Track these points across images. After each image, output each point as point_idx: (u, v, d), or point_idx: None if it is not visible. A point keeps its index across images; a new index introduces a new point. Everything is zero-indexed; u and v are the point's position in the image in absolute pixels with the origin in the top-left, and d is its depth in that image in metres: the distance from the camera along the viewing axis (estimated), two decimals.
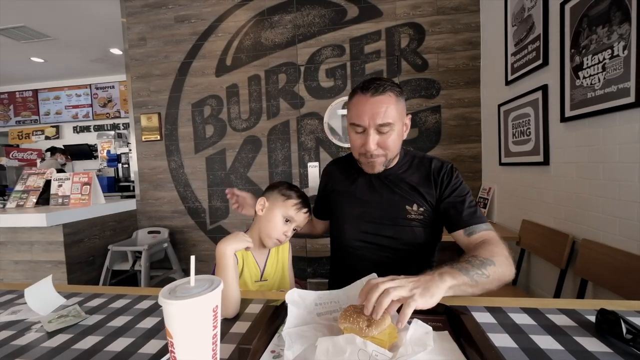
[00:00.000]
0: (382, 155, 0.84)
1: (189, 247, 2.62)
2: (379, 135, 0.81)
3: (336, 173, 1.03)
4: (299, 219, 0.88)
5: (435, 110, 2.25)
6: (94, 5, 2.89)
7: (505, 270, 0.66)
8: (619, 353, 0.48)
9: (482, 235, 0.79)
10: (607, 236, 1.16)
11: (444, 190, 0.87)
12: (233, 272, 0.68)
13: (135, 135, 2.65)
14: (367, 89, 0.80)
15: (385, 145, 0.82)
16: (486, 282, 0.61)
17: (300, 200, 0.89)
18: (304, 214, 0.89)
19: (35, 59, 4.20)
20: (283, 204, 0.87)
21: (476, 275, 0.60)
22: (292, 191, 0.90)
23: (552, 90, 1.43)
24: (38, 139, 5.32)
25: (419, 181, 0.89)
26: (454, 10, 2.19)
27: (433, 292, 0.54)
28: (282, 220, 0.87)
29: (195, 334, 0.40)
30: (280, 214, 0.86)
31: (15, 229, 1.95)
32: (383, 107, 0.79)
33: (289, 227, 0.88)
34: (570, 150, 1.34)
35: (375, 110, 0.79)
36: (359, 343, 0.45)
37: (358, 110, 0.81)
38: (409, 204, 0.88)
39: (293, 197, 0.88)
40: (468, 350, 0.48)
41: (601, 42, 1.14)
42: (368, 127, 0.80)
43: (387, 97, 0.80)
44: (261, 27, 2.43)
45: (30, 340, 0.59)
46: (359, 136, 0.84)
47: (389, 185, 0.91)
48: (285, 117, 2.43)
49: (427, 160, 0.92)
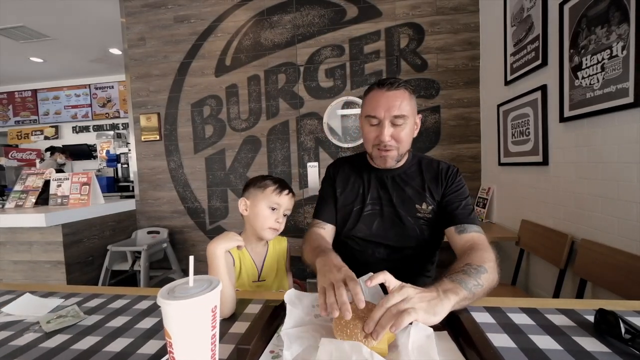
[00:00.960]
0: (395, 148, 0.86)
1: (189, 247, 2.61)
2: (393, 128, 0.84)
3: (344, 171, 1.02)
4: (283, 202, 0.90)
5: (434, 110, 2.25)
6: (93, 5, 2.89)
7: (494, 277, 0.67)
8: (618, 353, 0.48)
9: (472, 237, 0.81)
10: (606, 236, 1.16)
11: (447, 189, 0.91)
12: (225, 272, 0.67)
13: (135, 135, 2.65)
14: (383, 84, 0.86)
15: (399, 137, 0.85)
16: (480, 293, 0.61)
17: (277, 184, 0.91)
18: (286, 196, 0.91)
19: (35, 59, 4.19)
20: (263, 194, 0.89)
21: (473, 287, 0.60)
22: (266, 180, 0.91)
23: (551, 91, 1.44)
24: (37, 139, 5.32)
25: (429, 180, 0.92)
26: (453, 10, 2.19)
27: (437, 310, 0.53)
28: (269, 210, 0.88)
29: (194, 334, 0.40)
30: (264, 205, 0.88)
31: (14, 229, 1.95)
32: (398, 101, 0.83)
33: (278, 214, 0.89)
34: (570, 150, 1.35)
35: (391, 103, 0.83)
36: (366, 353, 0.44)
37: (374, 103, 0.85)
38: (419, 202, 0.91)
39: (269, 184, 0.90)
40: (467, 350, 0.48)
41: (600, 43, 1.14)
42: (383, 118, 0.84)
43: (402, 92, 0.85)
44: (260, 27, 2.43)
45: (29, 340, 0.58)
46: (373, 128, 0.87)
47: (399, 184, 0.93)
48: (284, 117, 2.43)
49: (435, 162, 0.96)
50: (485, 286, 0.63)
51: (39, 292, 0.81)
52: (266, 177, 0.93)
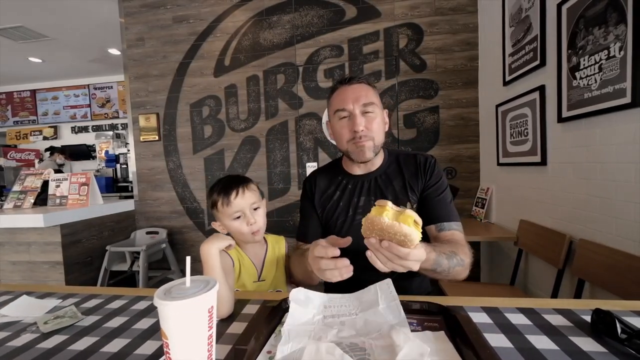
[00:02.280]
0: (370, 138, 0.85)
1: (188, 247, 2.61)
2: (364, 117, 0.85)
3: (321, 185, 0.97)
4: (240, 205, 0.81)
5: (433, 110, 2.25)
6: (92, 5, 2.88)
7: (463, 272, 0.75)
8: (614, 353, 0.48)
9: (452, 234, 0.83)
10: (604, 236, 1.17)
11: (427, 182, 0.90)
12: (221, 271, 0.67)
13: (134, 135, 2.65)
14: (345, 80, 0.89)
15: (371, 126, 0.85)
16: (445, 272, 0.71)
17: (221, 195, 0.81)
18: (235, 197, 0.81)
19: (33, 59, 4.18)
20: (220, 212, 0.82)
21: (446, 260, 0.70)
22: (213, 195, 0.84)
23: (550, 91, 1.44)
24: (36, 140, 5.30)
25: (409, 177, 0.91)
26: (452, 11, 2.20)
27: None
28: (236, 222, 0.82)
29: (191, 334, 0.40)
30: (227, 220, 0.82)
31: (13, 230, 1.95)
32: (364, 91, 0.86)
33: (246, 218, 0.81)
34: (568, 150, 1.35)
35: (357, 93, 0.85)
36: (338, 355, 0.46)
37: (341, 97, 0.87)
38: (403, 203, 0.89)
39: (216, 198, 0.82)
40: (464, 351, 0.48)
41: (598, 43, 1.14)
42: (353, 109, 0.84)
43: (365, 85, 0.88)
44: (260, 28, 2.43)
45: (26, 341, 0.58)
46: (345, 122, 0.87)
47: (381, 187, 0.91)
48: (283, 118, 2.43)
49: (412, 156, 0.94)
50: (452, 267, 0.71)
51: (36, 292, 0.81)
52: (214, 187, 0.85)
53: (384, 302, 0.59)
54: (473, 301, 0.66)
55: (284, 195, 2.46)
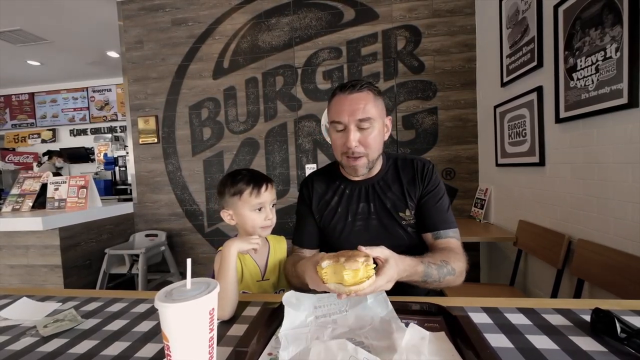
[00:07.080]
0: (364, 154, 0.82)
1: (187, 250, 2.61)
2: (359, 133, 0.81)
3: (319, 190, 0.95)
4: (265, 199, 0.83)
5: (432, 111, 2.26)
6: (90, 8, 2.89)
7: (456, 280, 0.76)
8: (614, 352, 0.48)
9: (448, 242, 0.83)
10: (603, 236, 1.17)
11: (425, 188, 0.89)
12: (234, 272, 0.70)
13: (133, 138, 2.65)
14: (345, 87, 0.82)
15: (366, 142, 0.81)
16: (435, 282, 0.72)
17: (251, 184, 0.82)
18: (265, 190, 0.83)
19: (32, 62, 4.18)
20: (241, 201, 0.82)
21: (436, 270, 0.72)
22: (239, 184, 0.82)
23: (547, 92, 1.45)
24: (34, 143, 5.29)
25: (407, 183, 0.90)
26: (449, 12, 2.21)
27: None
28: (255, 213, 0.82)
29: (192, 337, 0.40)
30: (247, 210, 0.82)
31: (11, 233, 1.94)
32: (362, 104, 0.80)
33: (265, 212, 0.83)
34: (565, 151, 1.35)
35: (354, 106, 0.79)
36: (350, 349, 0.46)
37: (337, 108, 0.82)
38: (402, 210, 0.88)
39: (244, 188, 0.82)
40: (464, 351, 0.49)
41: (594, 44, 1.15)
42: (348, 123, 0.80)
43: (365, 94, 0.81)
44: (258, 30, 2.43)
45: (25, 345, 0.58)
46: (340, 135, 0.83)
47: (379, 193, 0.90)
48: (282, 120, 2.44)
49: (409, 161, 0.92)
50: (442, 277, 0.73)
51: (35, 296, 0.81)
52: (235, 176, 0.84)
53: (372, 296, 0.62)
54: (473, 301, 0.66)
55: (283, 197, 2.46)
